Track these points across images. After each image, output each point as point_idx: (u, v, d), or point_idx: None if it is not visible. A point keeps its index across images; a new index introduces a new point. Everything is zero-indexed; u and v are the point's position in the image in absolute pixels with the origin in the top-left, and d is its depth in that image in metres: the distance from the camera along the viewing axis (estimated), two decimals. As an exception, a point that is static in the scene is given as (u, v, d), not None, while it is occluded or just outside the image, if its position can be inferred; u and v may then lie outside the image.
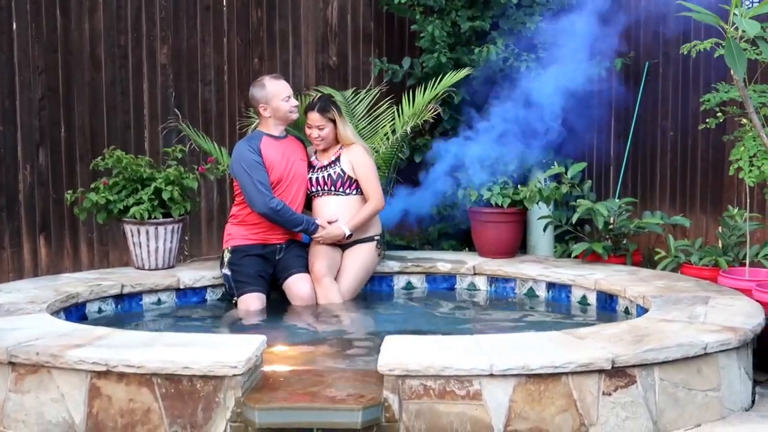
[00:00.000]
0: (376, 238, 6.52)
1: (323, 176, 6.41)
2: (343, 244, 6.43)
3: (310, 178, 6.44)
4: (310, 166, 6.49)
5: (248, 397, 4.17)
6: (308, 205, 6.53)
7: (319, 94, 6.78)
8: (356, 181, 6.40)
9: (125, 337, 4.65)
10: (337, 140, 6.45)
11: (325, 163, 6.44)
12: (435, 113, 7.01)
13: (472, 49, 7.74)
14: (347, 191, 6.40)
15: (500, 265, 6.69)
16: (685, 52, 5.29)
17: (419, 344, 4.48)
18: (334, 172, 6.39)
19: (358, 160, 6.39)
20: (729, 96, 6.04)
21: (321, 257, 6.31)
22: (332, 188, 6.39)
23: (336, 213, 6.37)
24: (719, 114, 6.10)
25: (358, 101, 7.46)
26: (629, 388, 4.32)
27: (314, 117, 6.37)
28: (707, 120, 6.18)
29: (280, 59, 8.24)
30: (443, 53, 7.58)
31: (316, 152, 6.53)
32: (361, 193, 6.43)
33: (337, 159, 6.42)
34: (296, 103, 6.40)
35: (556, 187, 6.90)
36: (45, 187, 7.64)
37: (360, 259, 6.45)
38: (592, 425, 4.26)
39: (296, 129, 6.74)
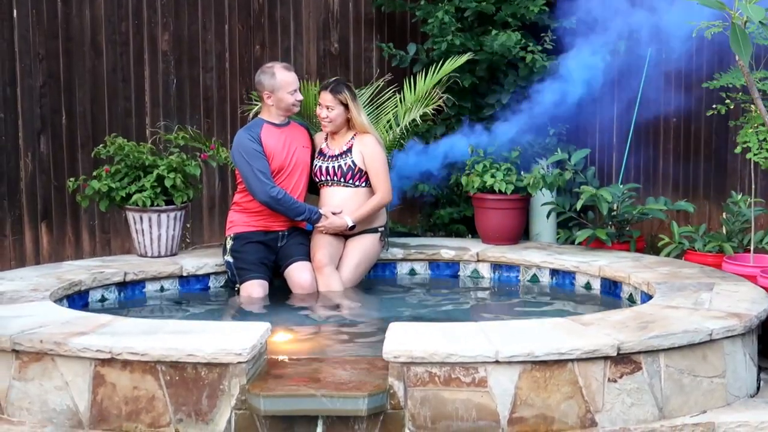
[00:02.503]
0: (380, 229, 6.49)
1: (333, 167, 6.36)
2: (346, 234, 6.41)
3: (320, 167, 6.40)
4: (321, 154, 6.44)
5: (253, 385, 4.16)
6: (315, 190, 6.50)
7: (335, 77, 6.72)
8: (366, 173, 6.36)
9: (129, 324, 4.64)
10: (348, 126, 6.40)
11: (337, 152, 6.39)
12: (441, 100, 6.94)
13: (476, 34, 7.71)
14: (356, 183, 6.36)
15: (504, 251, 6.67)
16: (694, 35, 5.25)
17: (424, 331, 4.47)
18: (345, 164, 6.34)
19: (369, 151, 6.34)
20: (739, 82, 6.01)
21: (323, 246, 6.29)
22: (341, 179, 6.35)
23: (342, 204, 6.33)
24: (728, 101, 6.08)
25: (361, 91, 7.40)
26: (635, 375, 4.31)
27: (325, 96, 6.32)
28: (715, 106, 6.15)
29: (282, 46, 8.21)
30: (457, 36, 7.52)
31: (327, 138, 6.49)
32: (370, 186, 6.39)
33: (349, 150, 6.37)
34: (301, 97, 6.35)
35: (560, 173, 6.87)
36: (46, 175, 7.63)
37: (362, 249, 6.42)
38: (598, 412, 4.25)
39: (299, 116, 6.71)
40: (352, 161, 6.33)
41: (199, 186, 7.03)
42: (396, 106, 7.09)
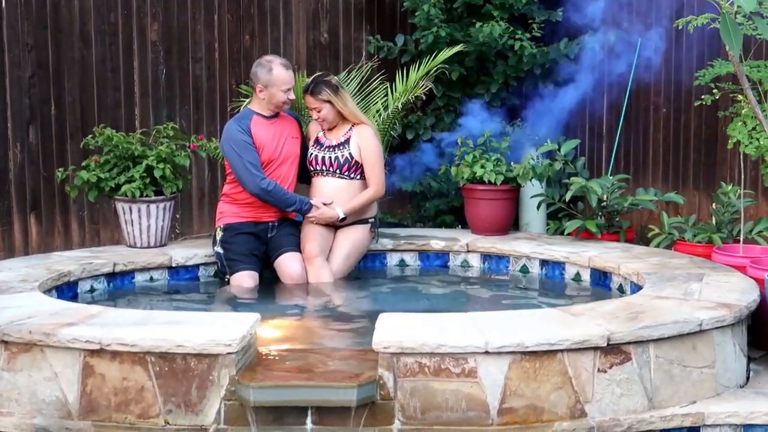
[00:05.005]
0: (370, 220, 6.47)
1: (330, 157, 6.33)
2: (336, 225, 6.39)
3: (316, 156, 6.37)
4: (317, 143, 6.41)
5: (242, 376, 4.15)
6: (304, 180, 6.49)
7: (315, 75, 6.56)
8: (362, 166, 6.34)
9: (118, 315, 4.62)
10: (343, 117, 6.37)
11: (334, 143, 6.35)
12: (426, 89, 6.97)
13: (465, 25, 7.71)
14: (351, 175, 6.33)
15: (493, 242, 6.67)
16: (680, 27, 5.26)
17: (414, 322, 4.46)
18: (342, 156, 6.31)
19: (366, 144, 6.30)
20: (727, 70, 6.01)
21: (313, 237, 6.27)
22: (337, 171, 6.32)
23: (334, 195, 6.31)
24: (715, 91, 6.08)
25: (350, 80, 7.39)
26: (624, 365, 4.31)
27: (309, 100, 6.29)
28: (703, 96, 6.15)
29: (271, 36, 8.19)
30: (442, 28, 7.52)
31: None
32: (363, 179, 6.36)
33: (347, 141, 6.33)
34: (293, 96, 6.26)
35: (549, 164, 6.86)
36: (35, 166, 7.60)
37: (352, 240, 6.40)
38: (588, 402, 4.25)
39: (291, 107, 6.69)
40: (350, 153, 6.30)
41: (189, 177, 7.01)
42: (385, 96, 7.10)
